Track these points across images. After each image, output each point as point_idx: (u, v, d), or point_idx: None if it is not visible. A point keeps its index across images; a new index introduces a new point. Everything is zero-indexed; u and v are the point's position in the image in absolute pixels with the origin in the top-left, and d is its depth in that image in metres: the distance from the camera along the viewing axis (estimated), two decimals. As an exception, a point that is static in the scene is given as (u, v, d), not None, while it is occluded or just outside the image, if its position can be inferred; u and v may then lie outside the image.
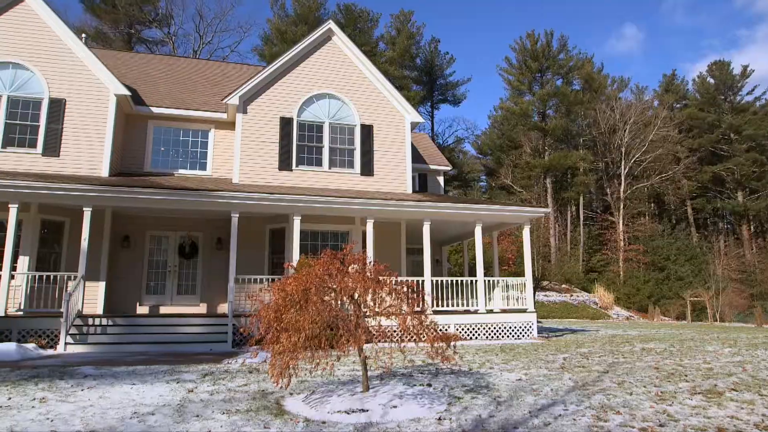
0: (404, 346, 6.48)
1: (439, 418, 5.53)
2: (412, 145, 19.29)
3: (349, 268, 6.38)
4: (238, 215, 13.63)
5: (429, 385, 7.30)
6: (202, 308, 15.70)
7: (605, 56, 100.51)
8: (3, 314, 11.77)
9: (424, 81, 61.18)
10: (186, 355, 11.01)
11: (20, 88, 14.55)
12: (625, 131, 52.27)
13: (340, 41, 17.46)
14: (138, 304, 15.36)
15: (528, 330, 15.27)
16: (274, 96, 16.47)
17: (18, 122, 14.39)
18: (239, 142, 15.89)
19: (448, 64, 62.11)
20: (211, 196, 13.43)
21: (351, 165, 16.78)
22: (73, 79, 14.93)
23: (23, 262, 13.17)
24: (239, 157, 15.81)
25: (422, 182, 21.80)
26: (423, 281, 14.60)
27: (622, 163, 52.10)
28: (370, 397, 6.13)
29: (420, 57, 60.99)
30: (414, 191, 18.09)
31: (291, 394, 6.76)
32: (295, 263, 12.58)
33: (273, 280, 13.16)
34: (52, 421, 5.40)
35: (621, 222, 49.93)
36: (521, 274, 17.35)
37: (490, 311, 15.36)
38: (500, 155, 58.19)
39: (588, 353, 11.49)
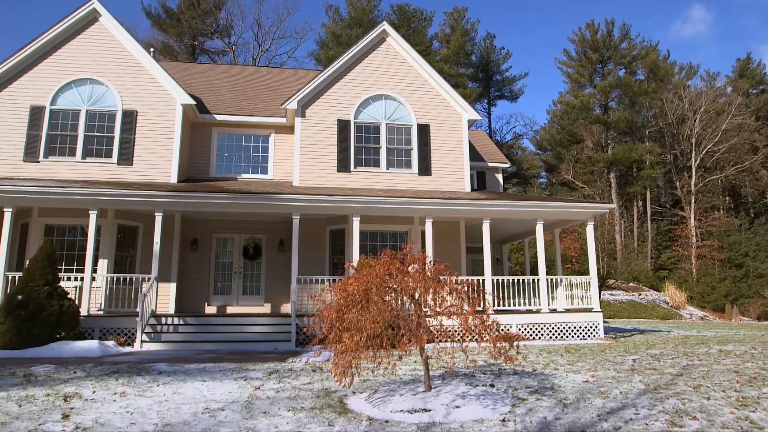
0: (466, 346, 6.42)
1: (503, 420, 5.45)
2: (470, 142, 19.09)
3: (409, 267, 6.40)
4: (299, 217, 13.95)
5: (492, 385, 7.20)
6: (266, 308, 16.18)
7: (671, 42, 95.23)
8: (86, 314, 12.60)
9: (480, 78, 60.42)
10: (252, 354, 11.38)
11: (97, 102, 15.51)
12: (695, 121, 49.55)
13: (395, 42, 17.53)
14: (206, 304, 16.02)
15: (594, 330, 14.77)
16: (331, 99, 16.75)
17: (95, 134, 15.35)
18: (298, 145, 16.27)
19: (505, 60, 61.11)
20: (273, 198, 13.82)
21: (408, 165, 16.81)
22: (143, 91, 15.75)
23: (102, 265, 14.03)
24: (299, 160, 16.18)
25: (480, 180, 21.53)
26: (483, 280, 14.42)
27: (693, 154, 49.43)
28: (432, 396, 6.12)
29: (475, 54, 60.30)
30: (472, 189, 17.90)
31: (354, 392, 6.85)
32: (355, 263, 12.75)
33: (334, 280, 13.37)
34: (131, 414, 5.72)
35: (693, 217, 47.38)
36: (585, 272, 16.81)
37: (554, 311, 14.98)
38: (560, 150, 56.56)
39: (659, 355, 10.98)
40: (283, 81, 21.03)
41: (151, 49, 19.20)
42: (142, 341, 12.18)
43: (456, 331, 12.37)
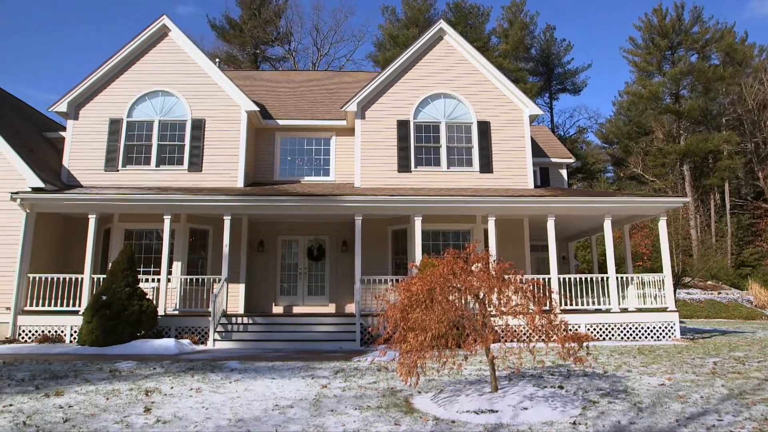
0: (533, 347, 6.29)
1: (574, 423, 5.29)
2: (532, 138, 18.63)
3: (473, 266, 6.34)
4: (361, 218, 14.13)
5: (561, 387, 7.02)
6: (330, 308, 16.48)
7: (748, 23, 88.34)
8: (163, 313, 13.31)
9: (541, 71, 58.80)
10: (318, 353, 11.63)
11: (168, 112, 16.34)
12: (779, 106, 46.08)
13: (452, 39, 17.39)
14: (273, 304, 16.51)
15: (668, 330, 14.06)
16: (389, 100, 16.83)
17: (167, 143, 16.17)
18: (359, 146, 16.45)
19: (566, 52, 59.12)
20: (336, 200, 14.07)
21: (469, 163, 16.62)
22: (210, 100, 16.45)
23: (177, 267, 14.76)
24: (360, 161, 16.36)
25: (544, 176, 20.99)
26: (549, 279, 14.06)
27: (777, 142, 45.99)
28: (498, 397, 6.04)
29: (535, 47, 58.76)
30: (536, 186, 17.48)
31: (419, 392, 6.86)
32: (418, 263, 12.76)
33: (397, 280, 13.44)
34: (206, 409, 6.00)
35: (778, 209, 44.08)
36: (657, 270, 16.05)
37: (624, 310, 14.37)
38: (628, 143, 54.09)
39: (744, 357, 10.30)
40: (342, 84, 21.34)
41: (217, 60, 20.03)
42: (214, 340, 12.71)
43: (522, 331, 12.12)
